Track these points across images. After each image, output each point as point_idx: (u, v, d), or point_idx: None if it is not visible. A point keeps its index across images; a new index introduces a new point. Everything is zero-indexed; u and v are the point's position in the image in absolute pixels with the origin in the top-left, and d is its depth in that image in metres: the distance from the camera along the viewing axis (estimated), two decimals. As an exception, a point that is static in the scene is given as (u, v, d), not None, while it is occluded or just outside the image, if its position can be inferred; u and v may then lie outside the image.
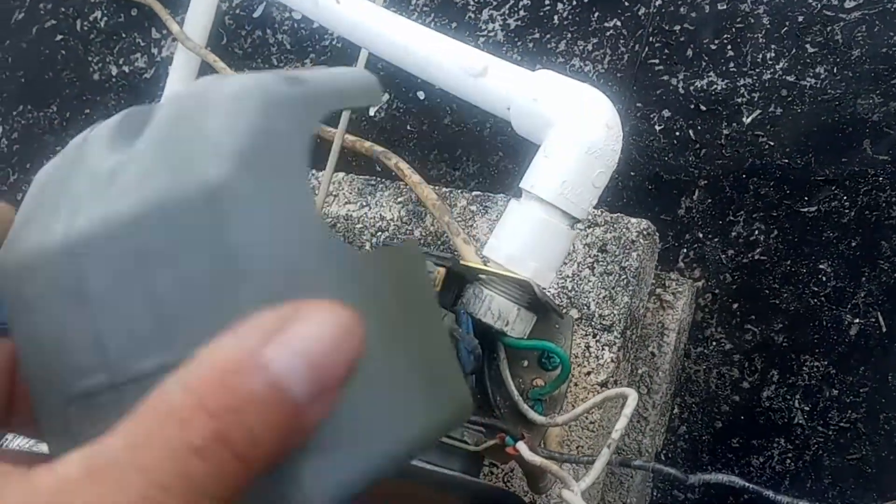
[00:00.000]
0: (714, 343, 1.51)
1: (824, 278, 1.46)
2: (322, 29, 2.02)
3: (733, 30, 1.63)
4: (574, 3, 1.78)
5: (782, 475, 1.40)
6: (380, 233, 1.38)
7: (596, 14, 1.76)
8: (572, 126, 0.92)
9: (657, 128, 1.65)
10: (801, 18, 1.58)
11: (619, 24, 1.73)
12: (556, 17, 1.79)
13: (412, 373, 0.30)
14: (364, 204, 1.41)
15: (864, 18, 1.54)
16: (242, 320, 0.25)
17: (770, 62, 1.59)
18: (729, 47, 1.63)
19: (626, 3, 1.74)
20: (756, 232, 1.53)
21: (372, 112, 1.91)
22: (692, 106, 1.64)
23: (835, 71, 1.54)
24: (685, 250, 1.57)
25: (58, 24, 2.38)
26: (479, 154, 1.79)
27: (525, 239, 0.92)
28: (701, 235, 1.57)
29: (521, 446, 0.82)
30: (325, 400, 0.26)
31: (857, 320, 1.42)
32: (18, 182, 2.30)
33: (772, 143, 1.56)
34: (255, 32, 2.10)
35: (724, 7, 1.65)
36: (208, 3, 2.03)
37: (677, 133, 1.64)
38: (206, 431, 0.24)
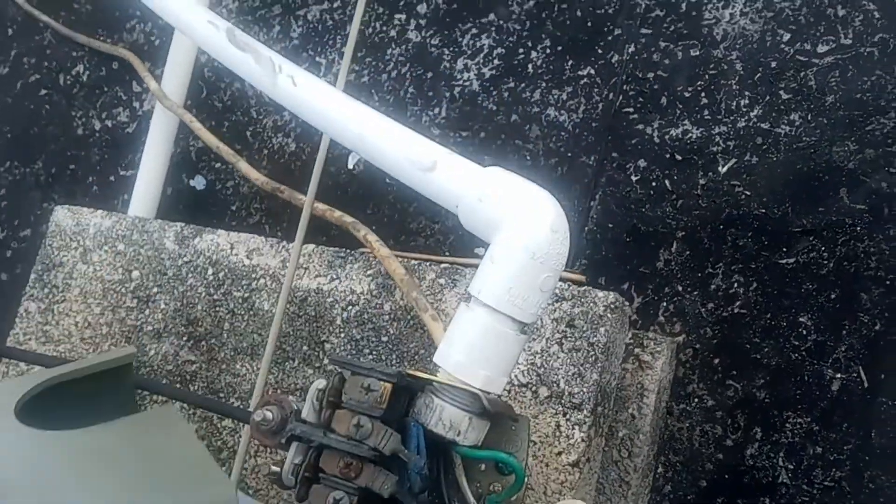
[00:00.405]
0: (696, 399, 1.49)
1: (804, 332, 1.44)
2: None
3: (707, 76, 1.61)
4: (548, 51, 1.76)
5: (767, 536, 1.39)
6: (350, 307, 1.37)
7: (570, 62, 1.74)
8: (517, 231, 0.91)
9: (633, 178, 1.64)
10: (774, 64, 1.56)
11: (592, 72, 1.72)
12: (530, 66, 1.78)
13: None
14: (334, 277, 1.40)
15: (838, 63, 1.52)
16: None
17: (744, 109, 1.57)
18: (703, 94, 1.61)
19: (600, 51, 1.72)
20: (735, 284, 1.51)
21: (351, 164, 1.91)
22: (668, 155, 1.62)
23: (809, 118, 1.52)
24: (665, 304, 1.56)
25: (41, 79, 2.39)
26: (457, 206, 1.77)
27: (474, 346, 0.91)
28: (680, 288, 1.55)
29: (472, 567, 0.81)
30: None
31: (838, 375, 1.40)
32: (7, 240, 2.31)
33: (748, 193, 1.54)
34: (233, 85, 2.10)
35: (697, 53, 1.63)
36: (185, 58, 2.04)
37: (654, 183, 1.62)
38: None
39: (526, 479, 0.92)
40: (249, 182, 2.00)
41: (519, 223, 0.91)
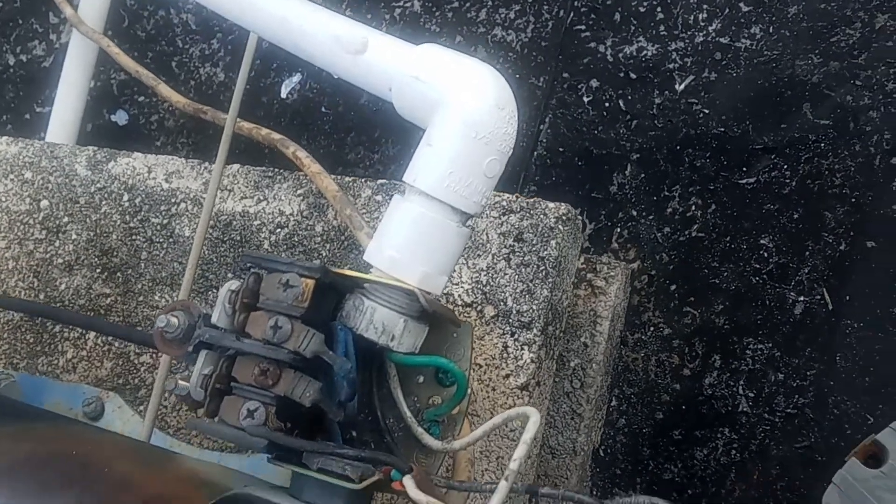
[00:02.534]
0: (652, 328, 1.41)
1: (766, 254, 1.36)
2: (229, 6, 1.87)
3: (662, -11, 1.52)
4: (493, -33, 1.65)
5: (727, 467, 1.31)
6: (279, 229, 1.25)
7: (517, -22, 1.63)
8: (458, 108, 0.80)
9: (585, 99, 1.54)
10: (733, -26, 1.47)
11: (541, -13, 1.61)
12: (475, -16, 1.66)
13: None
14: (261, 198, 1.28)
15: (800, -28, 1.43)
16: None
17: (702, 24, 1.48)
18: (659, 9, 1.51)
19: (549, -35, 1.61)
20: (693, 207, 1.43)
21: (284, 94, 1.78)
22: (622, 74, 1.52)
23: (771, 30, 1.43)
24: (619, 229, 1.47)
25: (-50, 12, 2.21)
26: (399, 135, 1.66)
27: (410, 240, 0.80)
28: (635, 213, 1.46)
29: (408, 482, 0.71)
30: None
31: (801, 298, 1.33)
32: (-86, 185, 2.13)
33: (707, 111, 1.45)
34: (157, 13, 1.95)
35: (652, -35, 1.53)
36: (105, -17, 1.88)
37: (607, 104, 1.52)
38: None
39: (469, 391, 0.82)
40: (175, 116, 1.86)
41: (459, 99, 0.80)
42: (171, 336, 0.79)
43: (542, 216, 1.12)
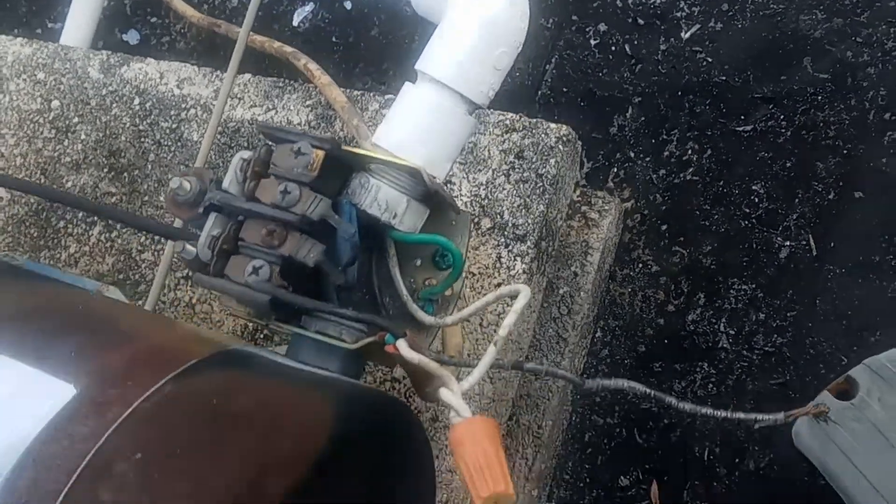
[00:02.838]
0: (641, 265, 1.44)
1: (756, 199, 1.40)
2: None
3: (675, -61, 1.55)
4: None
5: (704, 400, 1.35)
6: (286, 137, 1.28)
7: (533, -80, 1.66)
8: (472, 1, 0.83)
9: (592, 42, 1.57)
10: (745, -72, 1.50)
11: (556, -69, 1.64)
12: (491, -76, 1.68)
13: None
14: (270, 107, 1.31)
15: (810, -72, 1.46)
16: None
17: (711, -26, 1.51)
18: (670, -43, 1.54)
19: None
20: (689, 151, 1.46)
21: (296, 22, 1.80)
22: (630, 20, 1.55)
23: (777, -16, 1.46)
24: (615, 169, 1.50)
25: (-34, -75, 2.22)
26: (406, 67, 1.69)
27: (417, 124, 0.83)
28: (632, 154, 1.50)
29: (401, 344, 0.75)
30: None
31: (787, 243, 1.37)
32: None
33: (710, 60, 1.48)
34: (175, -65, 1.97)
35: (667, -85, 1.56)
36: None
37: (613, 48, 1.55)
38: None
39: (464, 268, 0.85)
40: (186, 38, 1.89)
41: (474, -9, 0.83)
42: (183, 199, 0.83)
43: (543, 135, 1.16)
